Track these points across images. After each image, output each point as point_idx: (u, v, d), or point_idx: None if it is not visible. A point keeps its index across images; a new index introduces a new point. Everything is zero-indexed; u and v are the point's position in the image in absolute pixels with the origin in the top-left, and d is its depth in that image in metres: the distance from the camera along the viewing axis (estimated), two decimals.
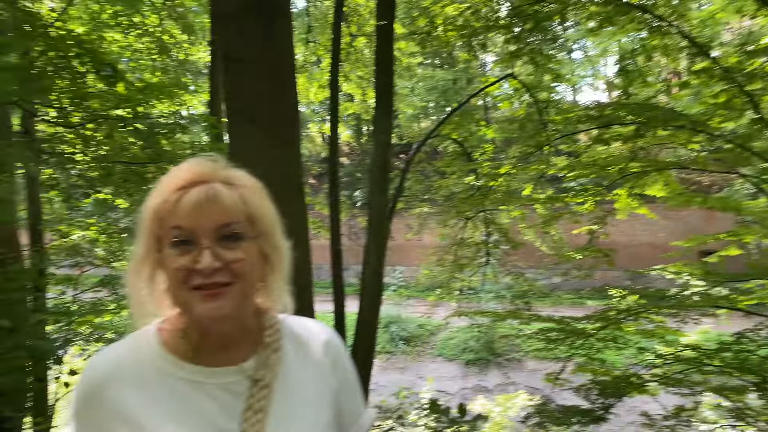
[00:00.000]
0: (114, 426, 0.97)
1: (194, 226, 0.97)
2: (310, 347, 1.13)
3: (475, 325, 8.56)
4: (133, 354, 1.04)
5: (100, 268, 9.77)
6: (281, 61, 3.36)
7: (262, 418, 0.99)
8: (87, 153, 5.57)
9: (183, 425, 0.97)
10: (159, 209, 0.99)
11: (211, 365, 1.03)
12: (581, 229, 7.67)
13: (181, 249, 0.97)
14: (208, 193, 0.98)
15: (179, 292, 0.99)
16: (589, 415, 6.31)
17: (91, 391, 1.01)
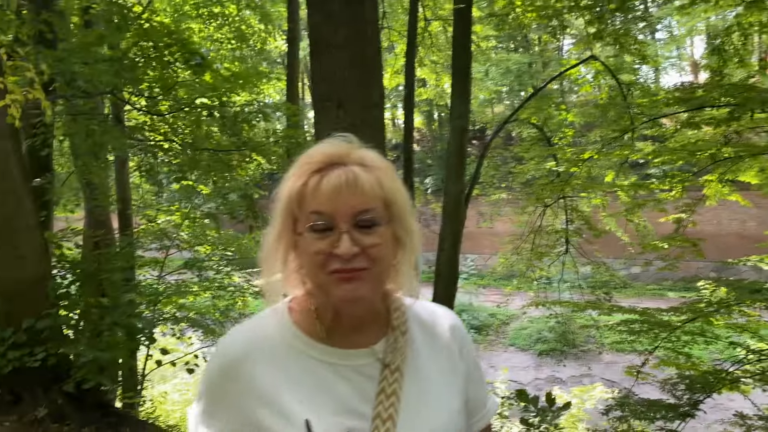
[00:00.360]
0: (249, 402, 0.98)
1: (333, 210, 0.95)
2: (436, 331, 1.12)
3: (553, 315, 8.35)
4: (267, 332, 1.04)
5: (184, 252, 10.21)
6: (369, 45, 3.34)
7: (394, 402, 0.98)
8: (175, 140, 5.78)
9: (318, 404, 0.97)
10: (298, 192, 0.98)
11: (344, 347, 1.03)
12: (668, 218, 7.32)
13: (320, 233, 0.96)
14: (348, 178, 0.96)
15: (317, 275, 0.98)
16: (675, 411, 6.04)
17: (227, 368, 1.01)
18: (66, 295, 4.67)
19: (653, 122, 7.45)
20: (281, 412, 0.96)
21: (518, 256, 8.21)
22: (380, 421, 0.96)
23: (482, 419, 1.16)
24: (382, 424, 0.96)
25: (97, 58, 4.98)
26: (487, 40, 12.36)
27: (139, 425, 4.68)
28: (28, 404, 4.28)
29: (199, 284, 9.77)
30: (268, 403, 0.97)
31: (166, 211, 9.58)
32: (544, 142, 8.24)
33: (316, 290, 1.01)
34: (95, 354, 4.12)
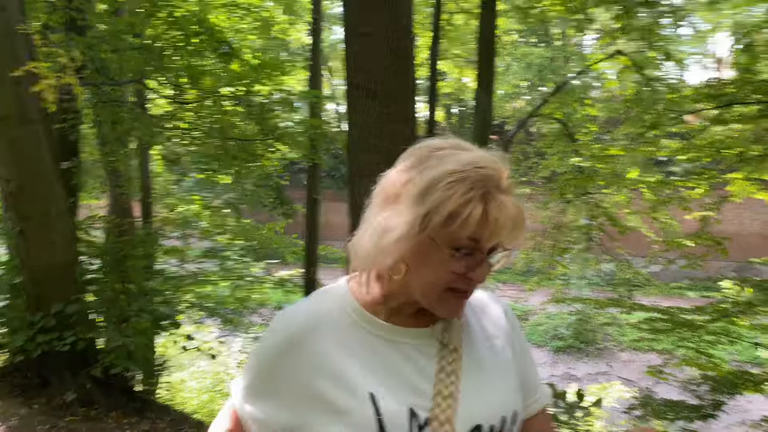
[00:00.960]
0: (311, 374, 0.99)
1: (483, 239, 0.95)
2: (488, 316, 1.15)
3: (573, 312, 8.29)
4: (330, 307, 1.06)
5: (203, 242, 10.29)
6: (403, 34, 3.32)
7: (454, 380, 1.01)
8: (200, 129, 5.80)
9: (381, 379, 0.98)
10: (456, 210, 0.93)
11: (404, 326, 1.04)
12: (694, 215, 7.23)
13: (463, 255, 0.96)
14: (511, 214, 0.94)
15: (434, 288, 0.98)
16: (698, 412, 5.98)
17: (289, 341, 1.02)
18: (93, 280, 4.71)
19: (679, 119, 7.35)
20: (346, 385, 0.97)
21: (539, 252, 8.15)
22: (441, 398, 0.98)
23: (537, 402, 1.16)
24: (443, 401, 0.98)
25: (126, 45, 5.00)
26: (509, 34, 12.27)
27: (163, 410, 4.72)
28: (56, 388, 4.34)
29: (218, 274, 9.85)
30: (331, 376, 0.98)
31: (187, 201, 9.66)
32: (567, 138, 8.16)
33: (420, 296, 1.00)
34: (123, 339, 4.16)
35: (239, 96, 5.51)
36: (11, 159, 4.36)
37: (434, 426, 0.96)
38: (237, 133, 6.06)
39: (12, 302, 4.65)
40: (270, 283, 10.20)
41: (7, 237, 5.00)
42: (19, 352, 4.38)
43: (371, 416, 0.95)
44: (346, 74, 3.41)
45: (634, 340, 13.47)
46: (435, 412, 0.97)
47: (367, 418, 0.95)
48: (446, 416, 0.97)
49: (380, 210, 1.01)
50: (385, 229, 0.97)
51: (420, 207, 0.94)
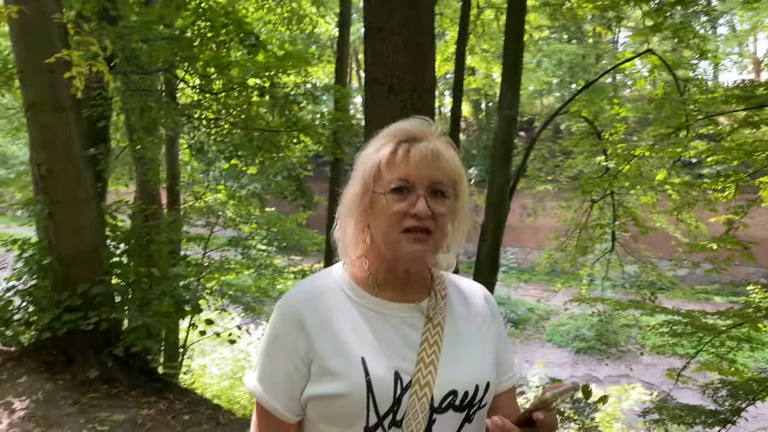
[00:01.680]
0: (312, 342, 1.11)
1: (416, 177, 1.10)
2: (471, 299, 1.28)
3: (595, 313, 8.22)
4: (328, 284, 1.20)
5: (227, 231, 10.45)
6: (423, 30, 3.34)
7: (436, 350, 1.13)
8: (227, 119, 5.89)
9: (371, 346, 1.11)
10: (387, 159, 1.12)
11: (393, 300, 1.18)
12: (719, 218, 7.10)
13: (400, 195, 1.11)
14: (434, 151, 1.12)
15: (391, 232, 1.12)
16: (716, 417, 5.90)
17: (295, 309, 1.15)
18: (118, 264, 4.85)
19: (709, 120, 7.22)
20: (340, 350, 1.10)
21: (563, 251, 8.09)
22: (423, 365, 1.11)
23: (509, 380, 1.28)
24: (425, 367, 1.11)
25: (155, 35, 5.11)
26: (540, 30, 12.15)
27: (182, 392, 4.84)
28: (80, 365, 4.48)
29: (242, 262, 10.00)
30: (328, 342, 1.11)
31: (213, 190, 9.81)
32: (594, 137, 8.06)
33: (384, 246, 1.14)
34: (144, 320, 4.28)
35: (265, 87, 5.59)
36: (43, 144, 4.51)
37: (415, 389, 1.09)
38: (262, 124, 6.14)
39: (40, 282, 4.82)
40: (291, 274, 10.33)
41: (36, 219, 5.16)
42: (46, 330, 4.54)
43: (362, 377, 1.07)
44: (365, 68, 3.45)
45: (657, 345, 13.30)
46: (417, 377, 1.10)
47: (358, 378, 1.07)
48: (426, 381, 1.10)
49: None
50: (342, 200, 1.19)
51: (359, 171, 1.16)
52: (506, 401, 1.27)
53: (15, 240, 5.03)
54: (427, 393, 1.09)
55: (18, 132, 12.50)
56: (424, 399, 1.08)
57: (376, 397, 1.07)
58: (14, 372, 4.49)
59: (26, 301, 4.83)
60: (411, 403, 1.08)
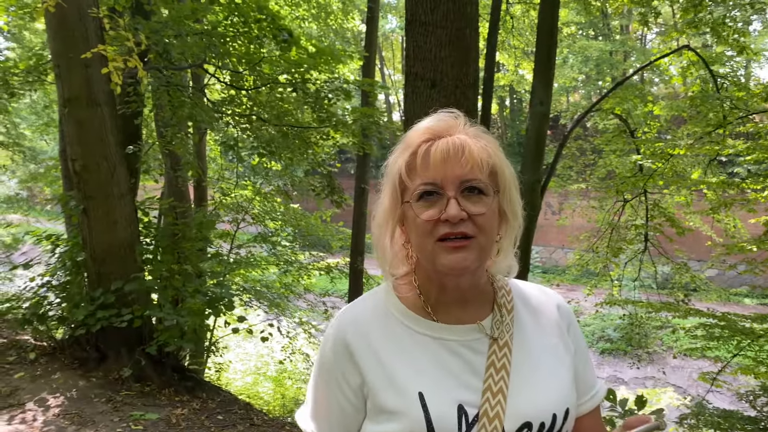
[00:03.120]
0: (364, 377, 1.01)
1: (441, 177, 0.97)
2: (542, 310, 1.13)
3: (626, 315, 8.07)
4: (377, 308, 1.08)
5: (250, 228, 10.45)
6: (467, 24, 3.25)
7: (504, 376, 1.00)
8: (260, 115, 5.85)
9: (429, 378, 0.99)
10: (407, 162, 1.00)
11: (450, 323, 1.05)
12: (759, 219, 6.92)
13: (428, 201, 0.98)
14: (455, 144, 0.97)
15: (425, 244, 0.99)
16: (756, 424, 5.74)
17: (342, 342, 1.05)
18: (151, 260, 4.83)
19: (747, 118, 7.03)
20: (395, 385, 0.98)
21: (594, 253, 7.91)
22: (491, 394, 0.98)
23: (591, 400, 1.13)
24: (492, 397, 0.98)
25: (188, 30, 5.07)
26: (567, 26, 11.96)
27: (213, 391, 4.81)
28: (113, 362, 4.48)
29: (267, 258, 9.99)
30: (381, 376, 1.00)
31: (241, 186, 9.81)
32: (626, 134, 7.89)
33: (423, 260, 1.03)
34: (178, 318, 4.25)
35: (296, 83, 5.53)
36: (78, 139, 4.50)
37: (483, 422, 0.96)
38: (292, 120, 6.09)
39: (73, 278, 4.82)
40: (317, 271, 10.31)
41: (69, 215, 5.17)
42: (80, 326, 4.53)
43: (420, 416, 0.95)
44: (405, 63, 3.36)
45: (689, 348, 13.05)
46: (484, 408, 0.97)
47: (416, 417, 0.95)
48: (495, 413, 0.97)
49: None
50: (374, 212, 1.06)
51: (388, 178, 1.03)
52: (590, 423, 1.13)
53: (49, 236, 5.03)
54: (497, 426, 0.96)
55: (47, 127, 12.63)
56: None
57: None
58: (48, 368, 4.50)
59: (60, 297, 4.83)
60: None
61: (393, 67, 25.83)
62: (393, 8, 21.28)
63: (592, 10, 8.32)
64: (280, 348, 10.33)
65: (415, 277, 1.07)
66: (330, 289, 16.05)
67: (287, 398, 10.20)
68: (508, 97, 22.42)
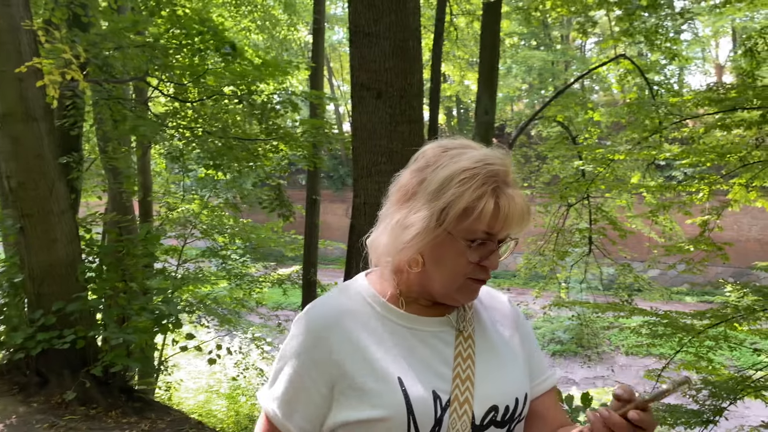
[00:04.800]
0: (344, 357, 1.05)
1: (497, 231, 1.04)
2: (495, 307, 1.23)
3: (574, 317, 8.30)
4: (352, 300, 1.13)
5: (199, 242, 10.25)
6: (410, 35, 3.30)
7: (470, 364, 1.08)
8: (203, 128, 5.77)
9: (405, 365, 1.05)
10: (471, 205, 1.01)
11: (422, 314, 1.12)
12: (695, 220, 7.22)
13: (476, 245, 1.04)
14: (519, 207, 1.03)
15: (457, 277, 1.06)
16: (698, 417, 5.95)
17: (317, 337, 1.07)
18: (94, 279, 4.68)
19: (681, 123, 7.34)
20: (375, 370, 1.03)
21: (541, 256, 8.13)
22: (460, 381, 1.06)
23: (546, 381, 1.22)
24: (461, 384, 1.05)
25: (128, 43, 4.97)
26: (510, 37, 12.26)
27: (163, 410, 4.68)
28: (56, 386, 4.30)
29: (217, 273, 9.82)
30: (360, 362, 1.04)
31: (187, 200, 9.62)
32: (569, 141, 8.14)
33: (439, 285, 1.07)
34: (124, 337, 4.13)
35: (241, 95, 5.48)
36: (13, 155, 4.33)
37: (455, 407, 1.03)
38: (239, 133, 6.03)
39: (11, 300, 4.62)
40: (268, 283, 10.18)
41: (5, 234, 4.96)
42: (19, 350, 4.35)
43: (401, 399, 1.01)
44: (351, 74, 3.39)
45: (634, 346, 13.48)
46: (455, 394, 1.04)
47: (397, 400, 1.01)
48: (464, 398, 1.04)
49: (397, 208, 1.08)
50: (403, 225, 1.05)
51: (436, 203, 1.02)
52: (550, 403, 1.21)
53: None
54: (467, 411, 1.03)
55: None
56: (464, 417, 1.03)
57: (417, 419, 1.00)
58: None
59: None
60: (452, 422, 1.02)
61: (342, 78, 25.88)
62: (340, 20, 21.36)
63: (533, 21, 8.56)
64: (232, 364, 10.15)
65: (402, 277, 1.12)
66: (283, 302, 15.88)
67: (241, 415, 10.01)
68: (455, 107, 22.76)
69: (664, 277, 16.88)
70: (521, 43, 19.38)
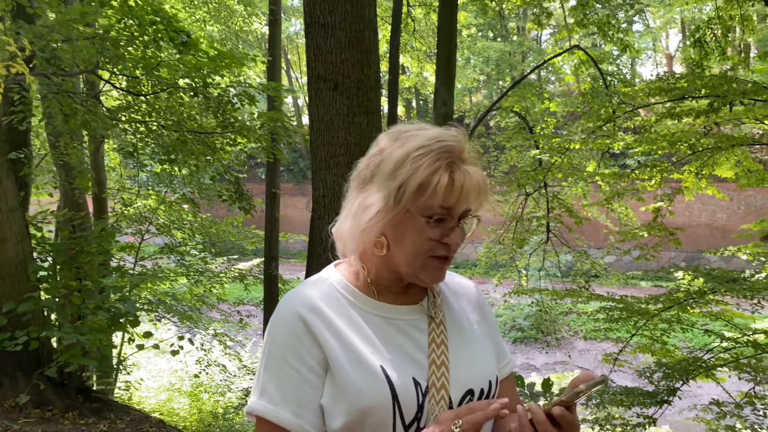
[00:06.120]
0: (327, 337, 1.04)
1: (455, 206, 1.05)
2: (462, 293, 1.26)
3: (534, 303, 8.47)
4: (325, 291, 1.12)
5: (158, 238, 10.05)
6: (365, 26, 3.29)
7: (444, 350, 1.10)
8: (158, 122, 5.64)
9: (385, 354, 1.06)
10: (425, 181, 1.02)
11: (395, 303, 1.13)
12: (648, 207, 7.43)
13: (438, 222, 1.05)
14: (475, 180, 1.04)
15: (418, 256, 1.07)
16: (653, 398, 6.14)
17: (297, 329, 1.06)
18: (47, 278, 4.54)
19: (634, 113, 7.53)
20: (358, 360, 1.03)
21: (501, 245, 8.27)
22: (435, 367, 1.07)
23: (507, 366, 1.26)
24: (437, 370, 1.07)
25: (77, 35, 4.81)
26: (467, 28, 12.34)
27: (122, 410, 4.60)
28: (9, 389, 4.18)
29: (176, 269, 9.64)
30: (343, 349, 1.04)
31: (143, 195, 9.40)
32: (526, 131, 8.27)
33: (404, 265, 1.08)
34: (78, 337, 4.03)
35: (197, 88, 5.38)
36: None
37: (432, 392, 1.05)
38: (195, 126, 5.92)
39: None
40: (229, 278, 10.06)
41: None
42: None
43: (386, 387, 1.01)
44: (307, 65, 3.37)
45: (592, 330, 13.80)
46: (432, 380, 1.06)
47: (382, 389, 1.01)
48: (441, 383, 1.06)
49: (358, 193, 1.10)
50: (363, 207, 1.07)
51: (392, 182, 1.04)
52: (508, 388, 1.24)
53: None
54: (444, 396, 1.05)
55: None
56: (442, 402, 1.05)
57: (402, 406, 1.02)
58: None
59: None
60: (431, 408, 1.04)
61: (300, 70, 25.67)
62: (297, 11, 21.14)
63: (489, 12, 8.63)
64: (194, 362, 10.01)
65: (363, 264, 1.13)
66: (244, 298, 15.72)
67: (204, 412, 9.90)
68: (414, 98, 22.83)
69: (620, 263, 17.33)
70: (479, 35, 19.55)
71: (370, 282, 1.13)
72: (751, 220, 8.91)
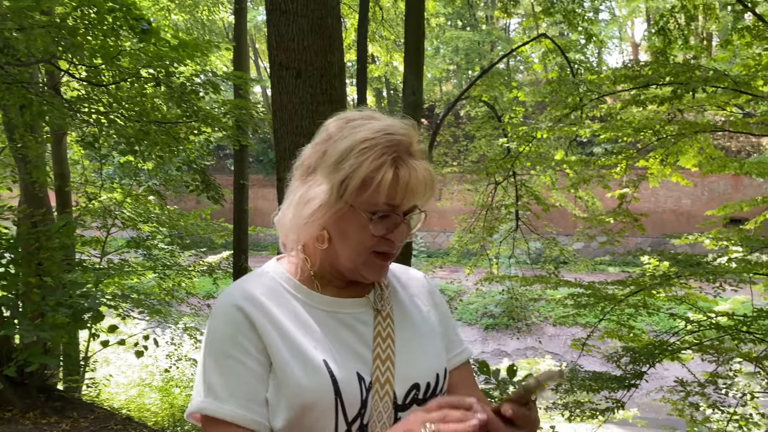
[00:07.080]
0: (268, 330, 1.00)
1: (401, 203, 1.01)
2: (411, 285, 1.22)
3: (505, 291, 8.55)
4: (270, 283, 1.08)
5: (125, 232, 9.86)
6: (328, 12, 3.23)
7: (390, 344, 1.06)
8: (120, 112, 5.51)
9: (328, 348, 1.02)
10: (369, 176, 0.98)
11: (340, 297, 1.10)
12: (614, 193, 7.53)
13: (379, 217, 1.02)
14: (421, 177, 1.01)
15: (360, 251, 1.04)
16: (621, 382, 6.25)
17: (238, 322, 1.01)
18: (4, 274, 4.41)
19: (600, 101, 7.60)
20: (300, 354, 0.99)
21: (471, 234, 8.31)
22: (380, 361, 1.04)
23: (461, 354, 1.21)
24: (382, 364, 1.04)
25: (33, 23, 4.65)
26: (436, 17, 12.31)
27: (86, 408, 4.50)
28: None
29: (143, 263, 9.48)
30: (286, 346, 1.00)
31: (107, 189, 9.21)
32: (494, 120, 8.29)
33: (344, 260, 1.05)
34: (39, 334, 3.92)
35: (159, 77, 5.25)
36: None
37: (376, 388, 1.02)
38: (158, 116, 5.79)
39: None
40: (198, 272, 9.93)
41: None
42: None
43: (328, 381, 0.98)
44: (269, 53, 3.30)
45: (561, 316, 14.01)
46: (376, 375, 1.03)
47: (325, 383, 0.98)
48: (385, 378, 1.03)
49: (300, 183, 1.06)
50: (305, 200, 1.03)
51: (336, 175, 0.99)
52: (464, 376, 1.20)
53: None
54: (388, 391, 1.02)
55: None
56: (386, 398, 1.02)
57: (344, 402, 0.98)
58: None
59: None
60: (374, 404, 1.01)
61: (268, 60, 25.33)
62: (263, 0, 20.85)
63: (457, 0, 8.61)
64: (164, 356, 9.88)
65: (306, 256, 1.10)
66: (214, 291, 15.57)
67: (176, 407, 9.78)
68: (384, 88, 22.77)
69: (588, 249, 17.59)
70: (447, 24, 19.55)
71: (313, 275, 1.09)
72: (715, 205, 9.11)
